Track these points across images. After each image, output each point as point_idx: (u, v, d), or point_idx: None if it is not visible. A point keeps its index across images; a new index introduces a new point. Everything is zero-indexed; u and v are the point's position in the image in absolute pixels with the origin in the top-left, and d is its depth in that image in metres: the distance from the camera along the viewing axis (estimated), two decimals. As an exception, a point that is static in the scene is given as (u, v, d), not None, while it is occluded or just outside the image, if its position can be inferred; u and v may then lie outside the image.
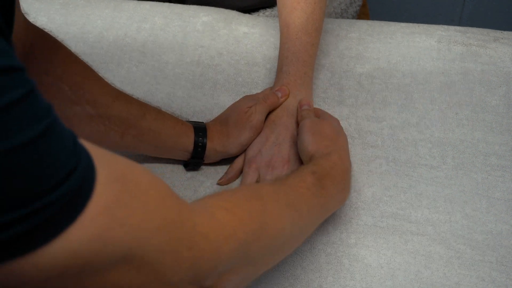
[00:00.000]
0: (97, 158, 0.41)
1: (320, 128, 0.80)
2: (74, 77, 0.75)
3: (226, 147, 0.84)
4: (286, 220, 0.61)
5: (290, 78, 0.87)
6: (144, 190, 0.44)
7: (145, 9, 1.07)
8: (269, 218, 0.58)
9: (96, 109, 0.76)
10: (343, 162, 0.77)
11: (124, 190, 0.42)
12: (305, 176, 0.69)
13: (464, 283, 0.75)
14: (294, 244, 0.66)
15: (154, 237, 0.44)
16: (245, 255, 0.54)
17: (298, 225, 0.64)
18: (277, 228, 0.59)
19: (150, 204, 0.44)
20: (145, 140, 0.80)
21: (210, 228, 0.50)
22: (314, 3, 0.88)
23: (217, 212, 0.52)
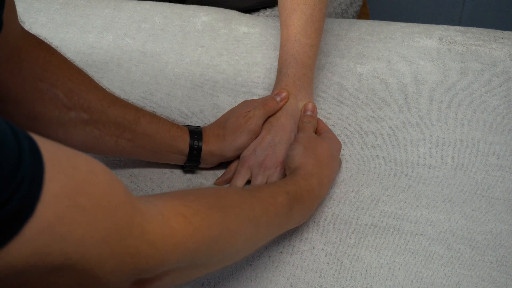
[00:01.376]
0: (53, 168, 0.40)
1: (315, 145, 0.80)
2: (68, 83, 0.75)
3: (222, 150, 0.84)
4: (242, 235, 0.62)
5: (289, 80, 0.87)
6: (95, 202, 0.44)
7: (145, 9, 1.07)
8: (225, 231, 0.58)
9: (90, 115, 0.76)
10: (320, 189, 0.77)
11: (72, 206, 0.42)
12: (277, 194, 0.69)
13: (464, 283, 0.75)
14: (244, 254, 0.67)
15: (96, 248, 0.44)
16: (190, 262, 0.55)
17: (253, 240, 0.65)
18: (230, 242, 0.60)
19: (99, 215, 0.44)
20: (140, 145, 0.81)
21: (159, 236, 0.50)
22: (313, 5, 0.88)
23: (173, 219, 0.52)
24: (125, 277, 0.49)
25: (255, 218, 0.64)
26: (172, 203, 0.54)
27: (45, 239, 0.40)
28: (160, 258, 0.50)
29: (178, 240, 0.52)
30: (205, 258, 0.57)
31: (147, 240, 0.49)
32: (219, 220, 0.58)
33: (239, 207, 0.62)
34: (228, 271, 0.76)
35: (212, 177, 0.86)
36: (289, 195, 0.70)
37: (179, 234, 0.52)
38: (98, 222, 0.44)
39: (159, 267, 0.51)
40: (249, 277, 0.75)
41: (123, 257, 0.47)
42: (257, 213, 0.64)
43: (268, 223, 0.66)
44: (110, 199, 0.46)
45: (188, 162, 0.84)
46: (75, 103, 0.75)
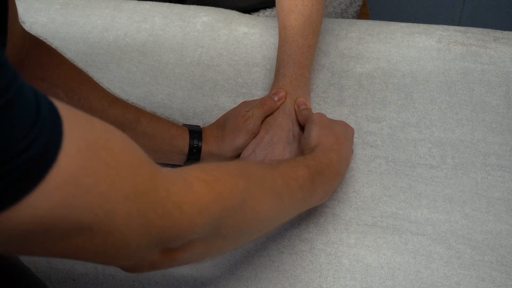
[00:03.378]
0: (71, 124, 0.41)
1: (331, 125, 0.81)
2: (69, 83, 0.76)
3: (221, 150, 0.84)
4: (266, 204, 0.61)
5: (286, 80, 0.87)
6: (117, 157, 0.44)
7: (145, 9, 1.07)
8: (249, 198, 0.58)
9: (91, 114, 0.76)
10: (340, 164, 0.77)
11: (94, 158, 0.42)
12: (298, 168, 0.68)
13: (464, 283, 0.75)
14: (269, 228, 0.66)
15: (122, 205, 0.44)
16: (217, 229, 0.54)
17: (277, 212, 0.64)
18: (255, 210, 0.59)
19: (121, 172, 0.44)
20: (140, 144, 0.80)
21: (185, 199, 0.50)
22: (311, 6, 0.88)
23: (196, 183, 0.52)
24: (153, 241, 0.48)
25: (278, 189, 0.63)
26: (192, 170, 0.54)
27: (70, 190, 0.40)
28: (187, 221, 0.50)
29: (203, 204, 0.51)
30: (231, 226, 0.56)
31: (173, 201, 0.48)
32: (242, 187, 0.57)
33: (261, 177, 0.62)
34: (228, 271, 0.76)
35: (212, 177, 0.86)
36: (310, 168, 0.70)
37: (203, 198, 0.52)
38: (122, 178, 0.44)
39: (186, 231, 0.50)
40: (249, 277, 0.76)
41: (150, 216, 0.47)
42: (279, 184, 0.64)
43: (291, 196, 0.66)
44: (131, 157, 0.46)
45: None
46: (76, 102, 0.76)
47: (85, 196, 0.41)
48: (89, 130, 0.43)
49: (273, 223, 0.66)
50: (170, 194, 0.48)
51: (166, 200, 0.48)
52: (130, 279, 0.75)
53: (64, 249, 0.44)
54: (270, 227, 0.66)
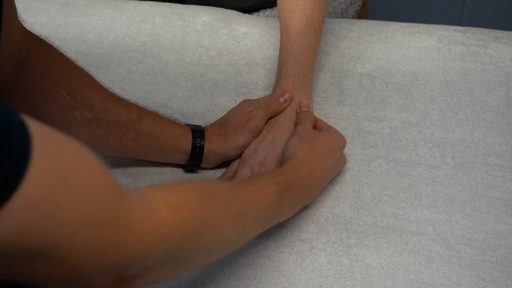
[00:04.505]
0: (41, 146, 0.40)
1: (311, 138, 0.79)
2: (71, 82, 0.75)
3: (224, 149, 0.84)
4: (230, 229, 0.60)
5: (289, 80, 0.87)
6: (84, 183, 0.43)
7: (145, 9, 1.07)
8: (213, 224, 0.57)
9: (94, 114, 0.76)
10: (310, 178, 0.75)
11: (59, 184, 0.41)
12: (267, 185, 0.67)
13: (464, 283, 0.75)
14: (231, 249, 0.65)
15: (81, 232, 0.43)
16: (176, 255, 0.54)
17: (240, 234, 0.63)
18: (218, 235, 0.58)
19: (85, 199, 0.43)
20: (143, 144, 0.81)
21: (146, 227, 0.49)
22: (313, 6, 0.88)
23: (161, 210, 0.51)
24: (107, 269, 0.47)
25: (243, 212, 0.62)
26: (161, 194, 0.53)
27: (31, 217, 0.39)
28: (145, 250, 0.49)
29: (165, 232, 0.51)
30: (191, 252, 0.55)
31: (133, 229, 0.48)
32: (207, 212, 0.56)
33: (228, 200, 0.61)
34: (228, 271, 0.76)
35: (213, 177, 0.86)
36: (279, 185, 0.69)
37: (167, 226, 0.51)
38: (86, 205, 0.43)
39: (143, 259, 0.50)
40: (249, 277, 0.75)
41: (108, 245, 0.46)
42: (245, 206, 0.63)
43: (257, 215, 0.65)
44: (98, 183, 0.45)
45: (190, 161, 0.84)
46: (79, 102, 0.75)
47: (45, 223, 0.40)
48: (59, 153, 0.42)
49: (235, 245, 0.65)
50: (131, 222, 0.48)
51: (126, 228, 0.47)
52: (130, 279, 0.75)
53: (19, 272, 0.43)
54: (231, 249, 0.66)
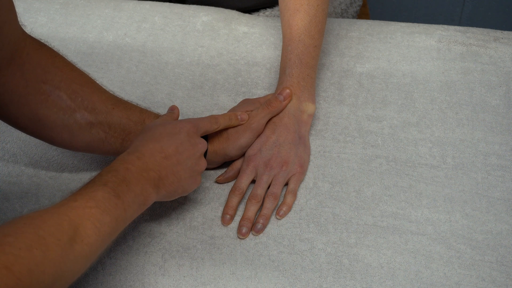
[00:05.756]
0: None
1: (157, 127, 0.74)
2: (72, 85, 0.75)
3: (225, 150, 0.84)
4: (70, 259, 0.57)
5: (293, 81, 0.87)
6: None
7: (145, 9, 1.07)
8: (49, 267, 0.54)
9: (95, 116, 0.76)
10: (144, 160, 0.69)
11: None
12: (95, 192, 0.62)
13: (464, 283, 0.75)
14: (81, 271, 0.60)
15: None
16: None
17: (85, 255, 0.59)
18: (57, 273, 0.55)
19: None
20: None
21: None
22: (317, 6, 0.88)
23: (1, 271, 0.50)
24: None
25: (79, 233, 0.58)
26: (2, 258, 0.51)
27: None
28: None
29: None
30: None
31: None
32: (39, 260, 0.53)
33: (57, 230, 0.57)
34: (228, 271, 0.76)
35: (214, 177, 0.86)
36: (108, 184, 0.64)
37: (7, 285, 0.49)
38: None
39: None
40: (249, 276, 0.75)
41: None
42: (78, 222, 0.59)
43: (97, 226, 0.60)
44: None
45: None
46: (80, 104, 0.75)
47: None
48: None
49: (87, 262, 0.60)
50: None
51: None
52: (129, 279, 0.75)
53: None
54: (88, 265, 0.61)
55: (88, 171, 0.87)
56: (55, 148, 0.88)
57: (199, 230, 0.80)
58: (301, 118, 0.87)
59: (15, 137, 0.90)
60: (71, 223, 0.58)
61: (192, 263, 0.77)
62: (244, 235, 0.79)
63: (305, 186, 0.85)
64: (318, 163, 0.87)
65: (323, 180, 0.85)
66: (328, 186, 0.84)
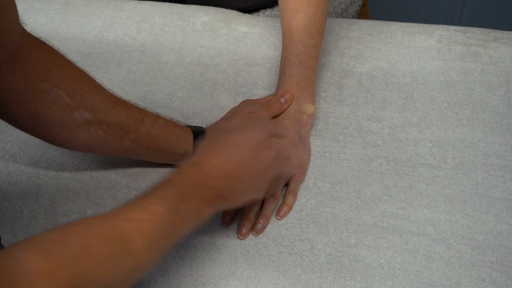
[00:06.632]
0: None
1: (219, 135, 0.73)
2: (71, 83, 0.75)
3: None
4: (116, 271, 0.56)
5: (293, 81, 0.87)
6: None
7: (145, 9, 1.07)
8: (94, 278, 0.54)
9: (94, 115, 0.77)
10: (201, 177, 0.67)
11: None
12: (150, 206, 0.61)
13: (464, 283, 0.75)
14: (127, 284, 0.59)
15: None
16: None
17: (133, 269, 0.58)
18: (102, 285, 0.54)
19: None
20: (144, 145, 0.81)
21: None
22: (316, 6, 0.88)
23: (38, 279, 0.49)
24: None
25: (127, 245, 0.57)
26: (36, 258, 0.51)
27: None
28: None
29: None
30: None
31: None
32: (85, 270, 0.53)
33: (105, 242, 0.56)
34: (228, 271, 0.76)
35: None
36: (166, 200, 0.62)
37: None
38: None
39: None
40: (249, 277, 0.75)
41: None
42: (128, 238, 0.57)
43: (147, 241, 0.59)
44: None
45: None
46: (79, 103, 0.75)
47: None
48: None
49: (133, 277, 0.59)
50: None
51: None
52: (130, 279, 0.75)
53: None
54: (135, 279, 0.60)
55: (88, 171, 0.87)
56: (55, 148, 0.88)
57: (199, 230, 0.80)
58: (301, 119, 0.87)
59: (15, 137, 0.90)
60: (122, 236, 0.57)
61: (192, 263, 0.77)
62: (244, 236, 0.79)
63: (305, 186, 0.85)
64: (318, 163, 0.87)
65: (323, 180, 0.85)
66: (328, 186, 0.84)
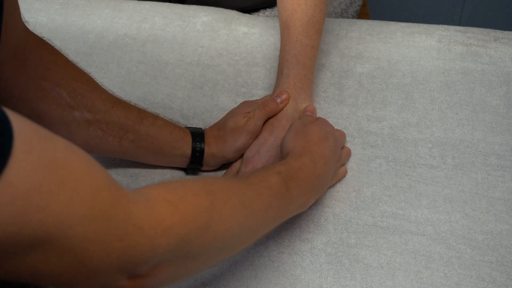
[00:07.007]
0: (26, 140, 0.40)
1: (305, 129, 0.78)
2: (72, 83, 0.76)
3: (223, 152, 0.84)
4: (236, 219, 0.59)
5: (290, 82, 0.87)
6: (76, 178, 0.43)
7: (145, 9, 1.07)
8: (216, 216, 0.56)
9: (94, 115, 0.77)
10: (314, 166, 0.73)
11: (50, 177, 0.41)
12: (269, 176, 0.66)
13: (464, 283, 0.75)
14: (243, 243, 0.63)
15: (79, 226, 0.43)
16: (184, 250, 0.53)
17: (250, 226, 0.62)
18: (225, 227, 0.57)
19: (79, 193, 0.43)
20: (143, 146, 0.81)
21: (147, 221, 0.49)
22: (314, 6, 0.88)
23: (158, 205, 0.51)
24: (114, 265, 0.47)
25: (248, 202, 0.61)
26: (157, 190, 0.53)
27: (21, 207, 0.39)
28: (149, 244, 0.49)
29: (166, 226, 0.50)
30: (200, 247, 0.55)
31: (134, 224, 0.48)
32: (207, 204, 0.56)
33: (228, 192, 0.60)
34: (228, 271, 0.76)
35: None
36: (281, 174, 0.67)
37: (167, 219, 0.51)
38: (80, 199, 0.43)
39: (148, 254, 0.49)
40: (249, 277, 0.76)
41: (109, 239, 0.46)
42: (249, 196, 0.62)
43: (264, 206, 0.64)
44: (91, 178, 0.45)
45: (191, 165, 0.84)
46: (79, 102, 0.76)
47: (37, 214, 0.40)
48: (48, 149, 0.42)
49: (247, 238, 0.63)
50: (131, 217, 0.48)
51: (126, 222, 0.47)
52: (130, 279, 0.75)
53: (18, 268, 0.43)
54: (245, 242, 0.64)
55: (88, 171, 0.86)
56: (55, 148, 0.88)
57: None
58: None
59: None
60: (242, 190, 0.62)
61: (192, 263, 0.77)
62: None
63: (305, 186, 0.85)
64: (318, 163, 0.87)
65: (323, 180, 0.85)
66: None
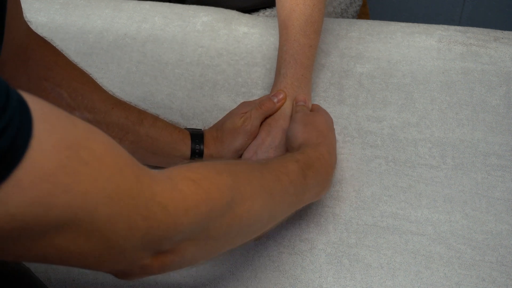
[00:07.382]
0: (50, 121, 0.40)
1: (313, 120, 0.80)
2: (73, 83, 0.76)
3: (221, 153, 0.84)
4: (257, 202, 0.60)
5: (287, 81, 0.87)
6: (99, 158, 0.44)
7: (145, 9, 1.07)
8: (238, 196, 0.57)
9: (94, 115, 0.77)
10: (330, 156, 0.76)
11: (74, 157, 0.41)
12: (287, 162, 0.68)
13: (464, 283, 0.75)
14: (262, 227, 0.64)
15: (104, 205, 0.44)
16: (206, 229, 0.54)
17: (269, 209, 0.63)
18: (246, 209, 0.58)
19: (104, 172, 0.44)
20: (142, 147, 0.81)
21: (170, 199, 0.49)
22: (313, 5, 0.88)
23: (181, 183, 0.51)
24: (139, 243, 0.48)
25: (268, 186, 0.62)
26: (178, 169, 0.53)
27: (46, 188, 0.39)
28: (173, 222, 0.49)
29: (190, 204, 0.51)
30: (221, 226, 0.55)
31: (158, 202, 0.48)
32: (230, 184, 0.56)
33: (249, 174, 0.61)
34: (228, 271, 0.76)
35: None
36: (299, 162, 0.69)
37: (190, 197, 0.51)
38: (105, 178, 0.44)
39: (172, 232, 0.50)
40: (249, 277, 0.76)
41: (134, 218, 0.46)
42: (268, 180, 0.63)
43: (282, 192, 0.65)
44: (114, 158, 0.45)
45: None
46: (79, 103, 0.76)
47: (63, 195, 0.40)
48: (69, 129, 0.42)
49: (266, 222, 0.64)
50: (155, 195, 0.48)
51: (150, 201, 0.48)
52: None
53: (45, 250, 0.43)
54: (263, 226, 0.65)
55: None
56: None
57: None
58: None
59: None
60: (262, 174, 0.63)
61: (192, 263, 0.77)
62: None
63: (305, 186, 0.85)
64: (318, 163, 0.87)
65: (323, 180, 0.85)
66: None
